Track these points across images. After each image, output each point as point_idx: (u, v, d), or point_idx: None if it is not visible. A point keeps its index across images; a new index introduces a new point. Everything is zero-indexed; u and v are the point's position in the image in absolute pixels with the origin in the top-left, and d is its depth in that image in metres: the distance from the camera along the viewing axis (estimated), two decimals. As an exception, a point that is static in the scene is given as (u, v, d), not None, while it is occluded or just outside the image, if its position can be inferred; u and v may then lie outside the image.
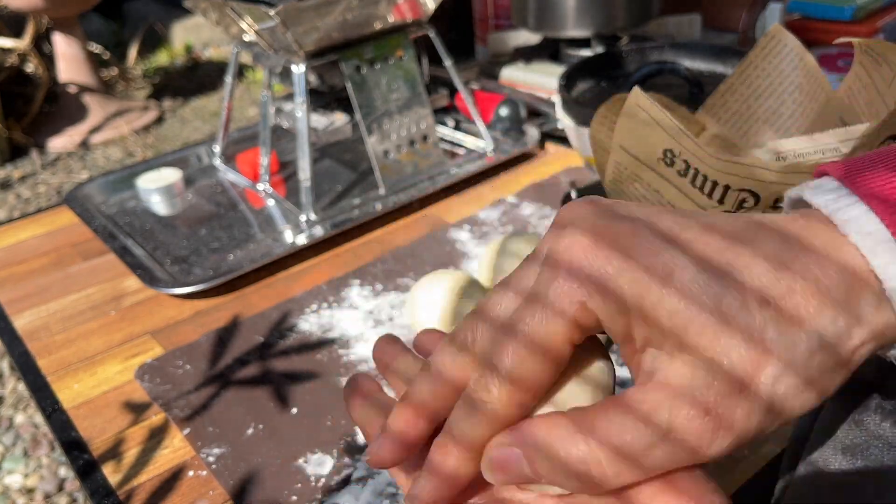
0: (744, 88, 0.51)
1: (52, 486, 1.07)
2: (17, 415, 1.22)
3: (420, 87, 0.74)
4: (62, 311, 0.63)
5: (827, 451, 0.29)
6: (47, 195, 1.89)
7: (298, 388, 0.51)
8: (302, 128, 0.69)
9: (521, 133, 0.83)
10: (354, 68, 0.70)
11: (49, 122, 2.20)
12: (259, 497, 0.43)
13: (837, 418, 0.29)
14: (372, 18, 0.69)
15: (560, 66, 0.93)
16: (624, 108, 0.39)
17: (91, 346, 0.58)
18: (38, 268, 0.70)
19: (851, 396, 0.29)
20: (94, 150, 2.13)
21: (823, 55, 0.87)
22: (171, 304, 0.62)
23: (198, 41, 2.86)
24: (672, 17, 0.99)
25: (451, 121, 0.87)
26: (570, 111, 0.67)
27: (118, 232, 0.72)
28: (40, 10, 2.00)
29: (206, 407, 0.50)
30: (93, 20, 2.90)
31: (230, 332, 0.57)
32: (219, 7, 0.70)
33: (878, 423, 0.28)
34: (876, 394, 0.28)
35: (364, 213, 0.70)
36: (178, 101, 2.43)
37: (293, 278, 0.64)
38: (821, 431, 0.30)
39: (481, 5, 1.09)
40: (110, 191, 0.82)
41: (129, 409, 0.51)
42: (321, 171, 0.81)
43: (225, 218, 0.74)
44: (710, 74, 0.74)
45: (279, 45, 0.69)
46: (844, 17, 0.91)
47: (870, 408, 0.28)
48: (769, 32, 0.49)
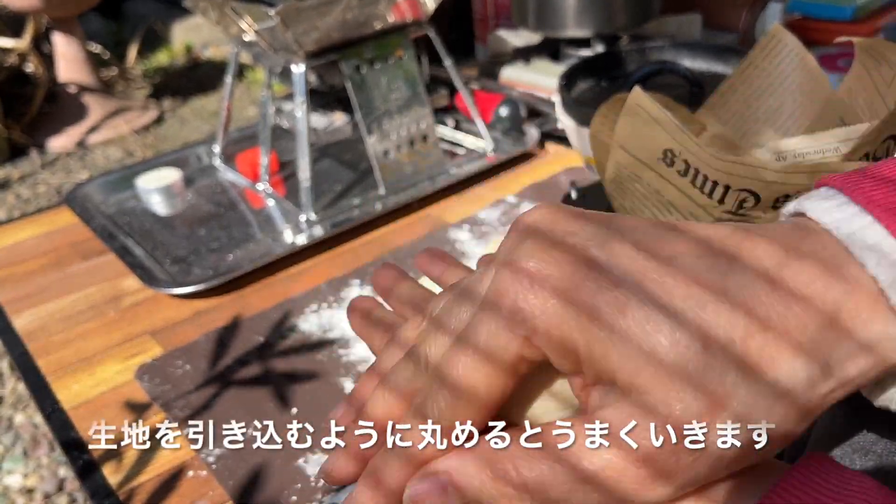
0: (744, 88, 0.51)
1: (51, 486, 1.07)
2: (17, 415, 1.22)
3: (420, 87, 0.74)
4: (62, 311, 0.62)
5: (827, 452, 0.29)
6: (47, 195, 1.88)
7: (298, 388, 0.51)
8: (302, 128, 0.69)
9: (521, 133, 0.83)
10: (354, 68, 0.70)
11: (48, 122, 2.20)
12: (259, 497, 0.43)
13: (838, 419, 0.29)
14: (372, 18, 0.69)
15: (560, 65, 0.93)
16: (624, 107, 0.39)
17: (90, 346, 0.58)
18: (37, 268, 0.70)
19: (851, 397, 0.29)
20: (93, 150, 2.13)
21: (824, 55, 0.87)
22: (170, 304, 0.62)
23: (198, 41, 2.86)
24: (672, 17, 0.99)
25: (451, 121, 0.87)
26: (570, 111, 0.67)
27: (118, 232, 0.72)
28: (40, 10, 2.00)
29: (207, 407, 0.50)
30: (92, 20, 2.90)
31: (230, 332, 0.57)
32: (219, 7, 0.70)
33: (878, 428, 0.28)
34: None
35: (364, 213, 0.70)
36: (178, 100, 2.43)
37: (293, 278, 0.64)
38: (821, 432, 0.30)
39: (481, 5, 1.09)
40: (110, 191, 0.82)
41: (128, 409, 0.51)
42: (321, 170, 0.81)
43: (224, 218, 0.74)
44: (710, 74, 0.74)
45: (279, 44, 0.69)
46: (845, 16, 0.91)
47: (870, 408, 0.28)
48: (770, 32, 0.49)
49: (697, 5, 1.01)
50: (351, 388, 0.51)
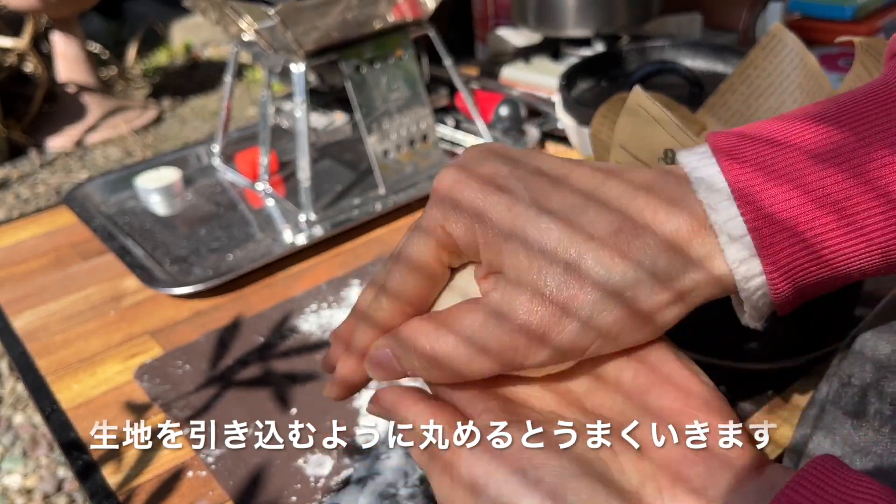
0: (744, 88, 0.51)
1: (51, 486, 1.07)
2: (17, 415, 1.22)
3: (420, 87, 0.74)
4: (61, 312, 0.62)
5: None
6: (46, 195, 1.88)
7: (298, 388, 0.51)
8: (301, 128, 0.69)
9: (521, 133, 0.83)
10: (354, 68, 0.70)
11: (48, 122, 2.20)
12: (259, 497, 0.43)
13: (837, 422, 0.29)
14: (372, 18, 0.69)
15: (560, 65, 0.93)
16: (624, 107, 0.39)
17: (90, 347, 0.58)
18: (37, 268, 0.70)
19: (850, 399, 0.29)
20: (93, 150, 2.13)
21: (824, 55, 0.87)
22: (170, 305, 0.62)
23: (197, 41, 2.86)
24: (672, 17, 0.99)
25: (451, 120, 0.87)
26: (570, 111, 0.67)
27: (117, 232, 0.72)
28: (39, 10, 2.00)
29: (207, 407, 0.50)
30: (92, 20, 2.90)
31: (230, 333, 0.57)
32: (218, 6, 0.69)
33: (878, 428, 0.28)
34: (874, 398, 0.28)
35: (364, 213, 0.70)
36: (178, 100, 2.43)
37: (293, 278, 0.64)
38: (822, 435, 0.30)
39: (481, 5, 1.09)
40: (109, 191, 0.82)
41: (128, 409, 0.51)
42: (321, 170, 0.81)
43: (224, 218, 0.74)
44: (710, 74, 0.74)
45: (279, 44, 0.69)
46: (845, 16, 0.91)
47: (868, 413, 0.28)
48: (770, 32, 0.49)
49: (697, 5, 1.01)
50: (351, 388, 0.51)
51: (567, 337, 0.23)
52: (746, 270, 0.22)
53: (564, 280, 0.22)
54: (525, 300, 0.23)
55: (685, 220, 0.23)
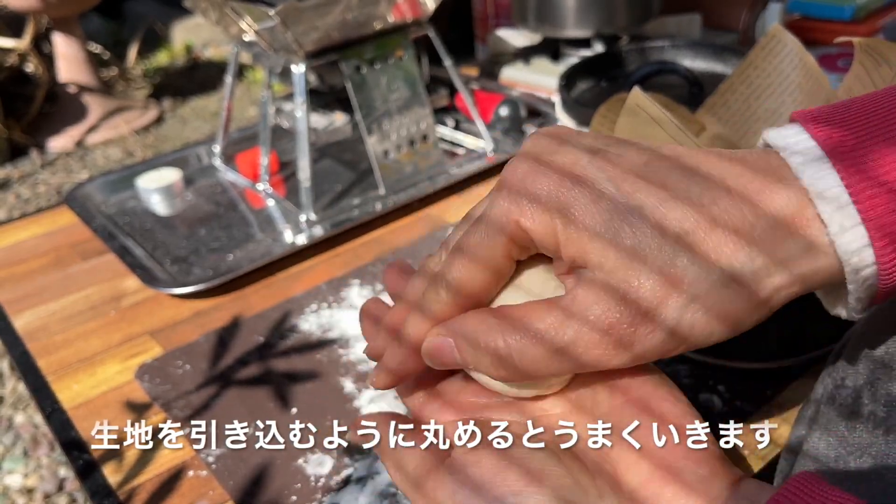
0: (744, 88, 0.51)
1: (51, 486, 1.07)
2: (17, 415, 1.22)
3: (420, 87, 0.74)
4: (62, 312, 0.63)
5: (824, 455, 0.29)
6: (47, 195, 1.89)
7: (298, 388, 0.51)
8: (302, 128, 0.69)
9: (522, 133, 0.83)
10: (354, 68, 0.70)
11: (49, 122, 2.20)
12: (259, 497, 0.43)
13: (832, 423, 0.29)
14: (372, 18, 0.69)
15: (560, 65, 0.93)
16: (624, 107, 0.39)
17: (90, 347, 0.58)
18: (37, 268, 0.70)
19: (845, 400, 0.29)
20: (93, 150, 2.13)
21: (823, 55, 0.87)
22: (170, 304, 0.62)
23: (198, 41, 2.86)
24: (672, 17, 0.99)
25: (451, 121, 0.87)
26: (570, 111, 0.67)
27: (118, 232, 0.72)
28: (40, 10, 2.00)
29: (207, 407, 0.50)
30: (93, 20, 2.90)
31: (230, 333, 0.57)
32: (219, 7, 0.70)
33: (871, 429, 0.28)
34: (868, 399, 0.28)
35: (364, 213, 0.70)
36: (178, 100, 2.43)
37: (293, 278, 0.64)
38: (817, 436, 0.30)
39: (481, 5, 1.09)
40: (110, 191, 0.82)
41: (129, 409, 0.51)
42: (321, 171, 0.81)
43: (225, 218, 0.74)
44: (710, 74, 0.74)
45: (279, 44, 0.69)
46: (844, 16, 0.91)
47: (862, 414, 0.28)
48: (769, 32, 0.49)
49: (697, 5, 1.01)
50: (351, 387, 0.51)
51: (655, 340, 0.22)
52: (850, 241, 0.21)
53: (658, 281, 0.21)
54: (614, 301, 0.21)
55: (776, 211, 0.21)
